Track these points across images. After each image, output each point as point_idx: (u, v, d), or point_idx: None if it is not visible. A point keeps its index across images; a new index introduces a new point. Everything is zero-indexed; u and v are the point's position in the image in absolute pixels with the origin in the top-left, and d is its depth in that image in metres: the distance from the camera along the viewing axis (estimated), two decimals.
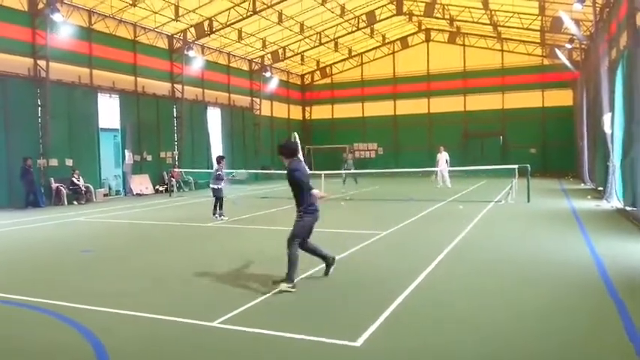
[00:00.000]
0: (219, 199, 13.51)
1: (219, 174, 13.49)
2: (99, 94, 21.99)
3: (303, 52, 33.30)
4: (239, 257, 8.66)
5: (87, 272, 7.77)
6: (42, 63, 18.97)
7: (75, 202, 19.02)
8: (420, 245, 9.53)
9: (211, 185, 13.65)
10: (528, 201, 15.90)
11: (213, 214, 13.50)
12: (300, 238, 6.59)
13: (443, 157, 23.41)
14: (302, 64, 36.20)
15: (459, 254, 8.45)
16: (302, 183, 6.43)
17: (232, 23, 25.15)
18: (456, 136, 33.95)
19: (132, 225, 13.34)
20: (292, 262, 6.37)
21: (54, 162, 19.35)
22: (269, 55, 32.14)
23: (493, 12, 26.72)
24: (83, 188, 19.54)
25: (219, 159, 13.93)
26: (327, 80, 39.04)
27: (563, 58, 26.92)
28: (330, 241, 9.80)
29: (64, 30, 20.02)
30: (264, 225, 12.40)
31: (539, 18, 25.42)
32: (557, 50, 27.30)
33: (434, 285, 6.55)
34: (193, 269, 7.57)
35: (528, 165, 16.94)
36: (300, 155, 6.78)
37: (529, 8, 24.42)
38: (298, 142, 6.95)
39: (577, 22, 21.64)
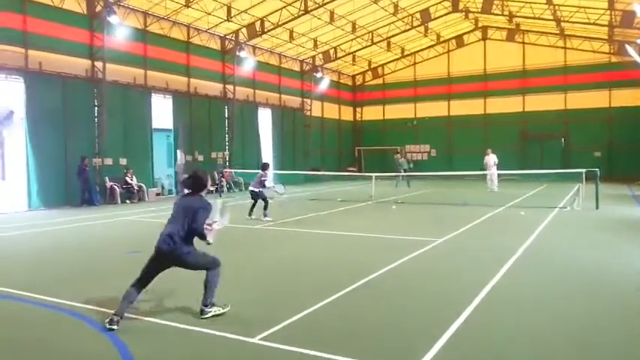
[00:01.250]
0: (265, 200, 13.60)
1: (263, 180, 13.73)
2: (153, 95, 22.31)
3: (355, 52, 32.75)
4: (285, 263, 8.28)
5: (128, 275, 7.55)
6: (99, 64, 19.38)
7: (128, 201, 19.31)
8: (479, 255, 8.79)
9: (251, 188, 13.81)
10: (597, 208, 14.71)
11: (249, 214, 13.62)
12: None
13: (491, 159, 22.44)
14: (353, 64, 35.67)
15: (525, 267, 7.69)
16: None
17: (284, 23, 24.96)
18: (514, 138, 32.44)
19: None
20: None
21: (109, 161, 19.73)
22: (320, 56, 31.81)
23: (557, 7, 25.26)
24: (136, 187, 19.82)
25: (266, 166, 14.13)
26: (379, 81, 38.29)
27: (635, 55, 25.08)
28: (380, 249, 9.27)
29: (120, 32, 20.40)
30: (313, 228, 11.98)
31: (608, 12, 23.78)
32: (627, 46, 25.49)
33: (499, 303, 5.87)
34: (236, 276, 7.22)
35: (597, 169, 15.68)
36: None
37: (597, 2, 22.86)
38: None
39: None
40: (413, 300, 5.99)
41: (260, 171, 14.00)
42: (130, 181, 19.61)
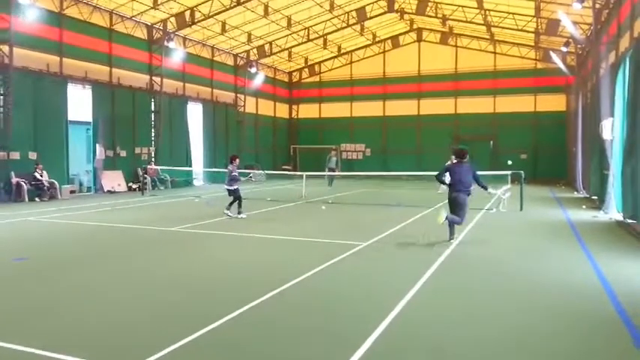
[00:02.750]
0: (237, 198, 13.14)
1: (235, 175, 13.08)
2: (69, 85, 20.65)
3: (291, 47, 32.14)
4: (189, 273, 7.52)
5: (7, 289, 6.57)
6: (5, 48, 17.61)
7: (37, 199, 17.70)
8: (404, 259, 8.42)
9: (226, 187, 13.34)
10: (521, 209, 14.92)
11: (238, 213, 13.16)
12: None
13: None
14: (289, 61, 35.03)
15: (446, 274, 7.36)
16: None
17: (215, 14, 23.90)
18: (446, 140, 32.93)
19: (86, 227, 12.06)
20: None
21: (15, 155, 17.99)
22: (255, 50, 30.91)
23: (487, 12, 25.79)
24: (47, 184, 18.21)
25: (232, 158, 13.39)
26: (316, 78, 37.89)
27: (558, 62, 26.08)
28: (298, 254, 8.71)
29: (31, 14, 18.67)
30: (233, 230, 11.24)
31: (535, 19, 24.55)
32: (552, 53, 26.47)
33: (418, 316, 5.44)
34: (133, 289, 6.41)
35: (522, 172, 15.95)
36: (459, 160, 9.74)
37: (524, 9, 23.52)
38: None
39: (574, 24, 20.75)
40: (323, 316, 5.44)
41: (229, 166, 13.25)
42: (39, 177, 17.98)
